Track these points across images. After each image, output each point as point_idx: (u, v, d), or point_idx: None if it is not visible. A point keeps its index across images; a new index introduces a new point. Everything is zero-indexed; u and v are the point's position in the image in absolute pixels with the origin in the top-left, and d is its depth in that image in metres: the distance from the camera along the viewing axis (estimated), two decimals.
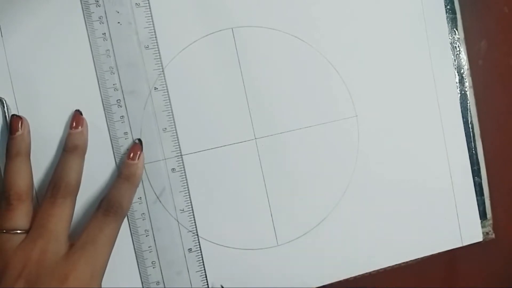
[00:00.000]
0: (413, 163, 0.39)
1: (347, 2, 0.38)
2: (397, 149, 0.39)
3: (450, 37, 0.39)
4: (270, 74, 0.37)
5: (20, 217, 0.32)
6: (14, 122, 0.33)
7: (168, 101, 0.36)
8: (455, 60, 0.40)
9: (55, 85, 0.35)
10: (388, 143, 0.39)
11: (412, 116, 0.39)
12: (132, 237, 0.36)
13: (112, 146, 0.35)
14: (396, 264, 0.39)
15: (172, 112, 0.36)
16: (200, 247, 0.37)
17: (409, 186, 0.39)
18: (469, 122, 0.40)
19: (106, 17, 0.35)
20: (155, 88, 0.36)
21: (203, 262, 0.37)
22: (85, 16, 0.35)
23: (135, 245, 0.36)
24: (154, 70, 0.36)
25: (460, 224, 0.40)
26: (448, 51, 0.39)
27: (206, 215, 0.37)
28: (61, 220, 0.32)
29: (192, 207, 0.36)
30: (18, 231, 0.31)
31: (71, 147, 0.34)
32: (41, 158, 0.35)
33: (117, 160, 0.35)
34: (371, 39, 0.38)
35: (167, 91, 0.36)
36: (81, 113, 0.35)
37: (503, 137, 0.39)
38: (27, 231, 0.32)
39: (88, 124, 0.35)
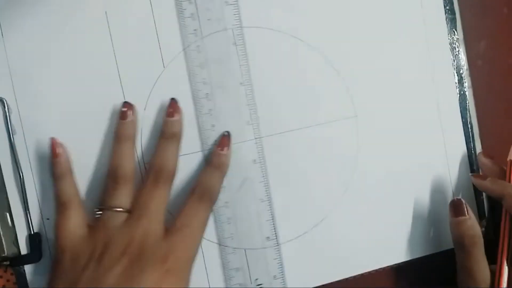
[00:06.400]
0: (413, 163, 0.39)
1: (347, 2, 0.38)
2: (396, 149, 0.39)
3: (449, 37, 0.40)
4: (270, 74, 0.37)
5: (124, 196, 0.33)
6: (126, 108, 0.35)
7: (252, 96, 0.37)
8: (454, 60, 0.40)
9: (56, 84, 0.35)
10: (387, 143, 0.39)
11: (411, 116, 0.39)
12: (215, 224, 0.37)
13: (200, 137, 0.36)
14: (396, 264, 0.39)
15: (256, 106, 0.37)
16: (276, 235, 0.38)
17: (408, 186, 0.39)
18: (468, 122, 0.40)
19: (198, 14, 0.36)
20: (241, 83, 0.36)
21: (280, 250, 0.38)
22: (178, 12, 0.36)
23: (218, 232, 0.37)
24: (240, 66, 0.37)
25: None
26: (447, 51, 0.39)
27: None
28: (161, 202, 0.34)
29: (270, 197, 0.37)
30: (121, 210, 0.33)
31: (170, 135, 0.35)
32: (42, 161, 0.35)
33: (205, 150, 0.37)
34: (371, 39, 0.38)
35: (251, 86, 0.37)
36: (177, 102, 0.36)
37: (502, 138, 0.39)
38: (128, 211, 0.33)
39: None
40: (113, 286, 0.30)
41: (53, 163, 0.34)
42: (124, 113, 0.35)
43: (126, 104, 0.35)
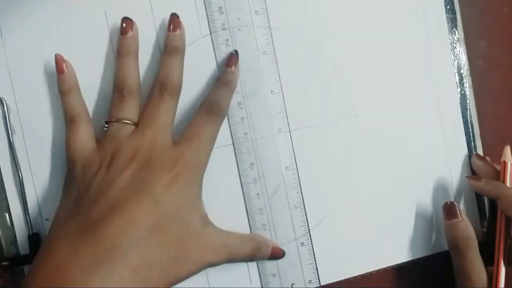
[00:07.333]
0: (413, 163, 0.39)
1: (347, 2, 0.38)
2: (397, 149, 0.39)
3: (450, 37, 0.39)
4: (270, 74, 0.37)
5: (131, 109, 0.34)
6: (126, 24, 0.35)
7: (282, 103, 0.37)
8: (455, 60, 0.40)
9: (55, 85, 0.35)
10: (388, 143, 0.39)
11: (412, 116, 0.39)
12: (250, 231, 0.37)
13: (233, 145, 0.37)
14: (397, 265, 0.39)
15: (286, 114, 0.37)
16: (311, 241, 0.38)
17: (409, 186, 0.39)
18: (469, 122, 0.40)
19: (229, 24, 0.36)
20: (271, 91, 0.37)
21: (314, 255, 0.38)
22: (210, 23, 0.36)
23: None
24: (270, 74, 0.37)
25: None
26: (448, 51, 0.39)
27: None
28: (168, 113, 0.34)
29: (304, 203, 0.38)
30: (129, 122, 0.34)
31: (172, 49, 0.35)
32: (42, 161, 0.35)
33: (238, 159, 0.37)
34: (371, 39, 0.38)
35: (282, 94, 0.37)
36: (177, 17, 0.35)
37: (503, 137, 0.39)
38: (135, 124, 0.34)
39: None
40: (124, 187, 0.31)
41: (59, 79, 0.34)
42: (124, 29, 0.35)
43: (125, 19, 0.35)
